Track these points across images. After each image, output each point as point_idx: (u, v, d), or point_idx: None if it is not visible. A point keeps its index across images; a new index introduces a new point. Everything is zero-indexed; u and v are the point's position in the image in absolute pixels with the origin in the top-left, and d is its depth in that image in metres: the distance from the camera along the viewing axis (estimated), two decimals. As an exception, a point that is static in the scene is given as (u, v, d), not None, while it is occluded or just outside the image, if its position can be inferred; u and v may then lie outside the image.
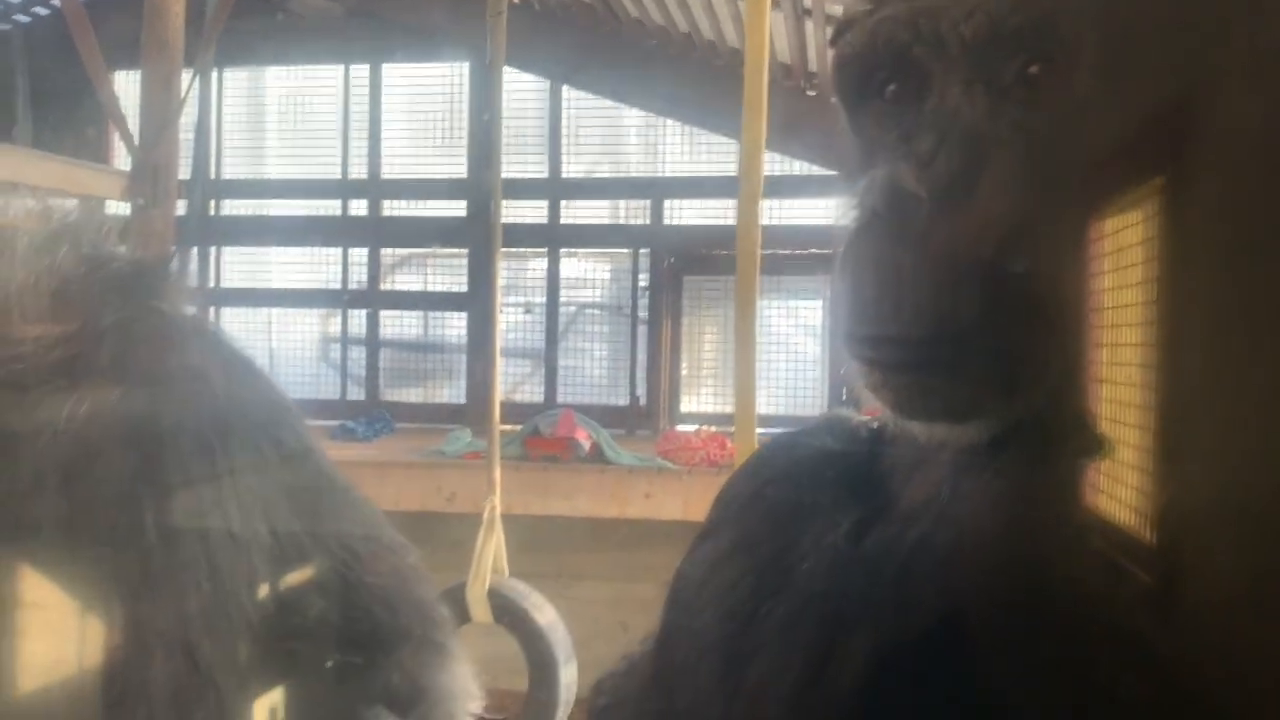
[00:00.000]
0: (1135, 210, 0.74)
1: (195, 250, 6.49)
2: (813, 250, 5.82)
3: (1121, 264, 0.75)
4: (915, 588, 0.78)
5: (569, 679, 3.71)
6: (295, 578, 1.05)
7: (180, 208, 4.65)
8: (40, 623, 0.94)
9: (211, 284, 6.87)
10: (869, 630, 0.79)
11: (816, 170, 6.02)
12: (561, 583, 4.66)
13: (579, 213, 6.88)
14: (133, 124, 4.60)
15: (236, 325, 7.00)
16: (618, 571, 5.18)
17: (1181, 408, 0.71)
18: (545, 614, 3.76)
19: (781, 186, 6.01)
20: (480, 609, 3.65)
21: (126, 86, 5.51)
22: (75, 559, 0.94)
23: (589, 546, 5.16)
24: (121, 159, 5.32)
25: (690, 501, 5.06)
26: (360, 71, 6.93)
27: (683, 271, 6.56)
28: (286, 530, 1.04)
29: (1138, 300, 0.74)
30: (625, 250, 6.71)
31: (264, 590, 1.02)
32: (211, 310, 6.85)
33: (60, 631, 0.94)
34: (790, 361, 6.38)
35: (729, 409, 3.01)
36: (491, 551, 3.69)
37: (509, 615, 3.71)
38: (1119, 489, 0.74)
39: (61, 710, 0.95)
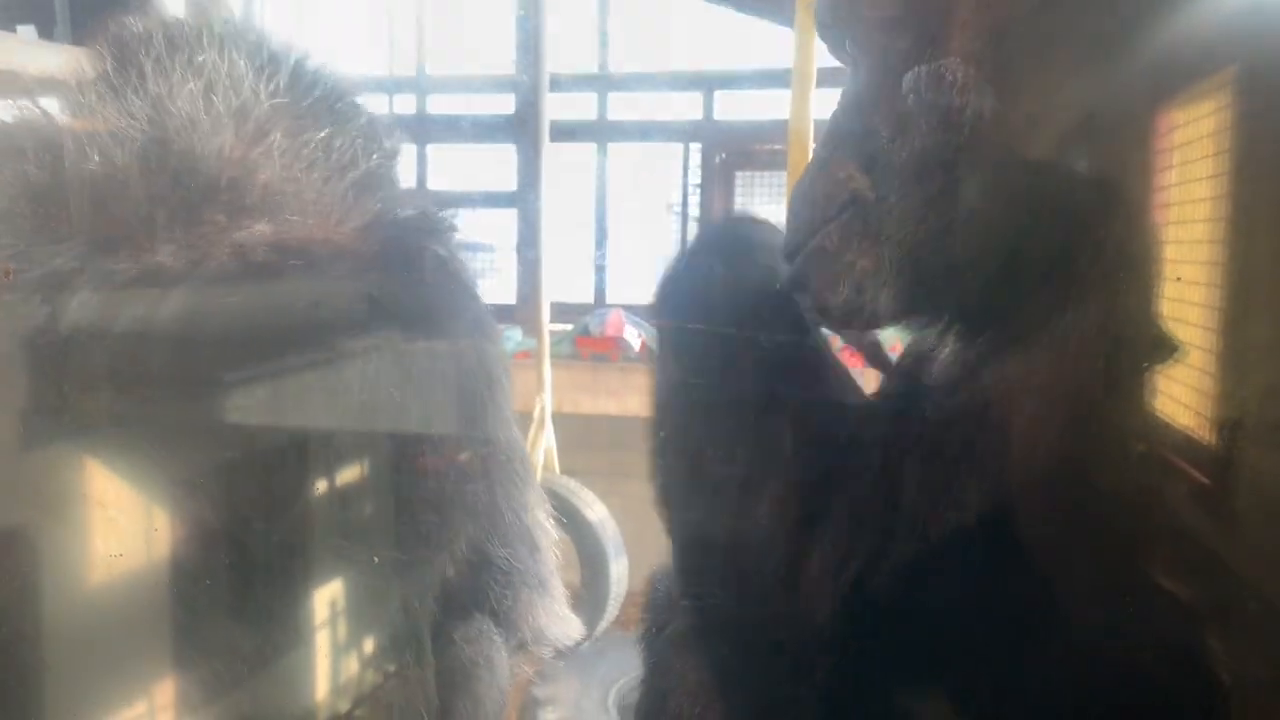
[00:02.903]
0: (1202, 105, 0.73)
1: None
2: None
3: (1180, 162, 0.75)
4: (951, 473, 0.78)
5: (619, 573, 3.77)
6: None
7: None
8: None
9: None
10: (904, 521, 0.80)
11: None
12: (612, 480, 4.71)
13: (628, 108, 6.73)
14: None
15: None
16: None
17: (1244, 308, 0.71)
18: (595, 510, 3.82)
19: (836, 78, 5.81)
20: (531, 505, 3.72)
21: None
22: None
23: (639, 445, 5.19)
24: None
25: (740, 400, 5.05)
26: (404, -38, 6.77)
27: (734, 167, 6.43)
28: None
29: (1202, 197, 0.74)
30: (676, 145, 6.58)
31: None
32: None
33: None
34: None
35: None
36: (542, 449, 3.73)
37: (559, 511, 3.77)
38: (1175, 387, 0.74)
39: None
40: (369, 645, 1.08)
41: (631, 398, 5.20)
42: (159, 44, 0.92)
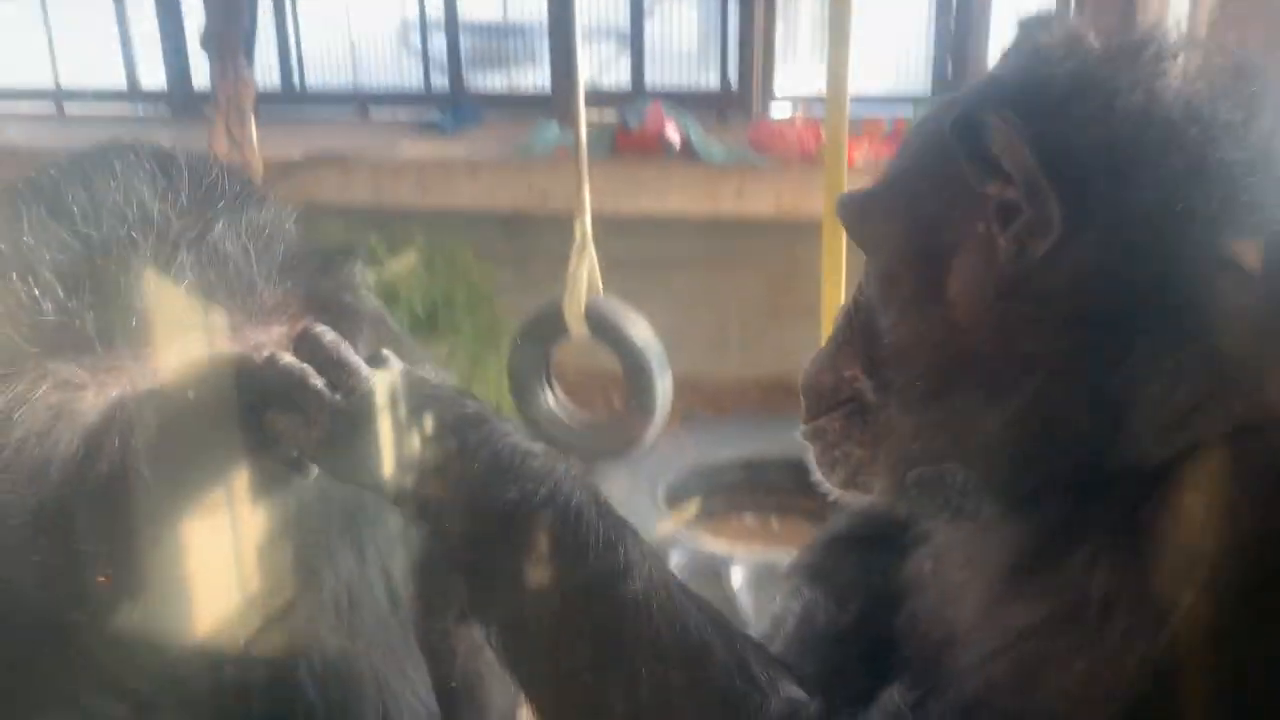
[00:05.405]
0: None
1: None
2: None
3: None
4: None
5: (664, 389, 3.86)
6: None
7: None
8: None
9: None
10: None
11: None
12: (655, 279, 4.73)
13: None
14: None
15: (311, 13, 6.77)
16: (712, 267, 5.24)
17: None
18: (640, 329, 3.85)
19: None
20: (577, 325, 3.77)
21: None
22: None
23: (682, 243, 5.17)
24: None
25: (782, 199, 4.97)
26: None
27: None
28: None
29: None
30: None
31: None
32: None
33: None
34: (891, 32, 5.94)
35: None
36: (585, 272, 3.72)
37: (605, 331, 3.82)
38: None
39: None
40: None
41: (673, 196, 5.13)
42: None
